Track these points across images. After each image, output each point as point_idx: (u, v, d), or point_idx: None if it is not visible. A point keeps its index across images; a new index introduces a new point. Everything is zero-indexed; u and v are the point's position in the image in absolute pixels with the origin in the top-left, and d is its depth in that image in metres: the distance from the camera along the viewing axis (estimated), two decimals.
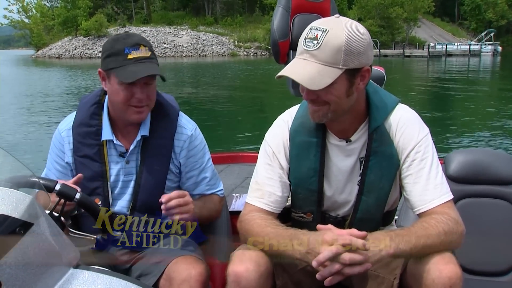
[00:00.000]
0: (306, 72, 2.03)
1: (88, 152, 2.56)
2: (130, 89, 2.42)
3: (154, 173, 2.58)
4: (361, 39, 2.04)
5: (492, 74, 44.87)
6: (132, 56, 2.40)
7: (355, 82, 2.08)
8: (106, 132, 2.56)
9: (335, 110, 2.12)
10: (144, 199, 2.56)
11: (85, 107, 2.62)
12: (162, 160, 2.61)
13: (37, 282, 1.49)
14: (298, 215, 2.40)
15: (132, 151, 2.58)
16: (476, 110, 20.33)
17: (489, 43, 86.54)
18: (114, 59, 2.41)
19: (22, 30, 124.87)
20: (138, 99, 2.45)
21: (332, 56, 2.00)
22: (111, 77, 2.44)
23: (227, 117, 18.82)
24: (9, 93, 27.75)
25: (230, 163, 5.01)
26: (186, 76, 39.21)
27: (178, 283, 2.27)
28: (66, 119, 2.66)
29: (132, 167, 2.59)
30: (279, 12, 4.37)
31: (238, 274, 2.02)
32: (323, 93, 2.06)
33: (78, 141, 2.57)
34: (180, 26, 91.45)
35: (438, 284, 1.91)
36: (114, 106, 2.52)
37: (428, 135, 2.24)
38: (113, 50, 2.42)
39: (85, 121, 2.59)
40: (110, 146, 2.58)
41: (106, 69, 2.44)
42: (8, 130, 15.57)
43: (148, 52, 2.46)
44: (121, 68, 2.39)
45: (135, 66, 2.39)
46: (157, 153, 2.59)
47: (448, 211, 2.11)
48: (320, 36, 2.02)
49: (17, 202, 1.48)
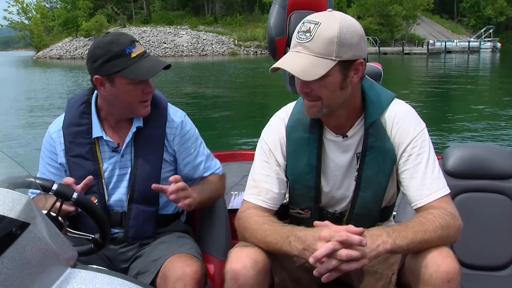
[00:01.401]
0: (300, 63, 2.04)
1: (80, 151, 2.56)
2: (140, 87, 2.46)
3: (149, 162, 2.60)
4: (354, 31, 2.03)
5: (491, 71, 44.93)
6: (135, 53, 2.43)
7: (349, 75, 2.08)
8: (96, 129, 2.57)
9: (329, 104, 2.12)
10: (141, 189, 2.57)
11: (73, 107, 2.63)
12: (156, 149, 2.63)
13: (34, 282, 1.49)
14: (296, 212, 2.41)
15: (127, 144, 2.59)
16: (474, 105, 20.31)
17: (488, 40, 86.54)
18: (118, 62, 2.40)
19: (22, 31, 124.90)
20: (148, 94, 2.51)
21: (325, 47, 2.01)
22: (116, 80, 2.43)
23: (226, 115, 18.83)
24: (10, 94, 27.79)
25: (228, 161, 5.02)
26: (187, 75, 39.20)
27: (173, 281, 2.29)
28: (55, 121, 2.67)
29: (127, 160, 2.60)
30: (275, 9, 4.38)
31: (236, 271, 2.02)
32: (317, 86, 2.07)
33: (69, 141, 2.58)
34: (180, 25, 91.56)
35: (436, 278, 1.91)
36: (121, 106, 2.53)
37: (425, 130, 2.24)
38: (112, 53, 2.40)
39: (75, 120, 2.59)
40: (102, 143, 2.59)
41: (110, 73, 2.42)
42: (6, 130, 15.58)
43: (143, 47, 2.50)
44: (130, 68, 2.40)
45: (143, 63, 2.43)
46: (150, 142, 2.62)
47: (445, 205, 2.11)
48: (313, 29, 2.03)
49: (13, 202, 1.47)
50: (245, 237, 2.20)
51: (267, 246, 2.09)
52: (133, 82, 2.43)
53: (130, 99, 2.48)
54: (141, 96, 2.49)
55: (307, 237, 1.96)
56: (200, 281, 2.32)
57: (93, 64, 2.45)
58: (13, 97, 26.11)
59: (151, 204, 2.61)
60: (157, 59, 2.51)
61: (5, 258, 1.38)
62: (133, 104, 2.50)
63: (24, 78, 42.64)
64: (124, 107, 2.53)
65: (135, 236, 2.60)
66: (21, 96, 26.38)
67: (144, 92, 2.48)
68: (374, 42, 78.08)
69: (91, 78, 2.48)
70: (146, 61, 2.44)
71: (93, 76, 2.46)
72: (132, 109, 2.52)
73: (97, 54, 2.43)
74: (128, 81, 2.42)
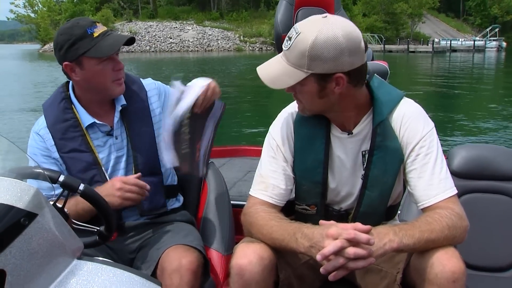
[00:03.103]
0: (274, 70, 2.10)
1: (73, 145, 2.56)
2: (109, 65, 2.47)
3: (143, 134, 2.64)
4: (331, 45, 1.96)
5: (497, 70, 44.65)
6: (97, 33, 2.44)
7: (328, 86, 2.06)
8: (85, 118, 2.58)
9: (310, 109, 2.19)
10: (144, 161, 2.62)
11: (52, 107, 2.62)
12: (146, 120, 2.67)
13: (41, 273, 1.51)
14: (302, 208, 2.41)
15: (116, 125, 2.61)
16: (479, 105, 20.26)
17: (493, 39, 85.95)
18: (81, 44, 2.41)
19: (28, 25, 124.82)
20: (119, 71, 2.52)
21: (298, 59, 2.02)
22: (84, 62, 2.45)
23: (231, 110, 18.80)
24: (17, 85, 27.80)
25: (232, 157, 5.02)
26: (192, 70, 39.15)
27: (169, 273, 2.30)
28: (37, 122, 2.65)
29: (121, 141, 2.63)
30: (283, 5, 4.38)
31: (242, 267, 2.02)
32: (298, 91, 2.12)
33: (59, 138, 2.57)
34: (186, 21, 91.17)
35: (441, 278, 1.91)
36: (96, 89, 2.54)
37: (433, 130, 2.23)
38: (75, 37, 2.41)
39: (60, 117, 2.58)
40: (93, 131, 2.60)
41: (76, 56, 2.43)
42: (16, 121, 15.60)
43: (104, 27, 2.51)
44: (94, 48, 2.42)
45: (105, 41, 2.44)
46: (139, 116, 2.66)
47: (453, 206, 2.10)
48: (293, 38, 2.04)
49: (22, 192, 1.49)
50: (251, 232, 2.20)
51: (273, 242, 2.09)
52: (101, 61, 2.44)
53: (102, 79, 2.49)
54: (112, 74, 2.50)
55: (314, 234, 1.95)
56: (196, 272, 2.33)
57: (59, 52, 2.47)
58: (22, 90, 26.06)
59: (156, 174, 2.67)
60: (119, 35, 2.52)
61: (13, 248, 1.40)
62: (106, 84, 2.51)
63: (32, 71, 42.45)
64: (98, 89, 2.54)
65: (150, 207, 2.66)
66: (30, 89, 26.38)
67: (115, 69, 2.50)
68: (379, 40, 77.72)
69: (62, 67, 2.50)
70: (108, 39, 2.44)
71: (63, 64, 2.48)
72: (107, 89, 2.54)
73: (61, 41, 2.45)
74: (96, 61, 2.44)
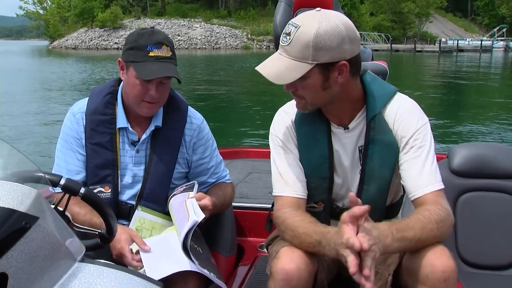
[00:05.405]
0: (276, 67, 2.09)
1: (101, 140, 2.59)
2: (146, 86, 2.46)
3: (163, 162, 2.63)
4: (333, 33, 2.01)
5: (503, 70, 44.57)
6: (154, 54, 2.44)
7: (331, 76, 2.08)
8: (121, 120, 2.61)
9: (313, 103, 2.18)
10: (151, 187, 2.61)
11: (98, 96, 2.65)
12: (172, 149, 2.66)
13: (43, 276, 1.51)
14: (310, 206, 2.39)
15: (143, 140, 2.62)
16: (483, 104, 20.27)
17: (501, 39, 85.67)
18: (135, 53, 2.45)
19: (36, 21, 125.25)
20: (151, 96, 2.49)
21: (301, 51, 2.03)
22: (129, 69, 2.48)
23: (235, 111, 18.80)
24: (25, 82, 27.88)
25: (233, 158, 5.04)
26: (200, 67, 39.23)
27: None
28: (78, 103, 2.68)
29: (141, 157, 2.63)
30: (281, 7, 4.41)
31: (289, 272, 2.01)
32: (299, 86, 2.11)
33: (91, 128, 2.60)
34: (194, 18, 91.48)
35: (432, 279, 1.92)
36: (129, 96, 2.55)
37: (427, 124, 2.25)
38: (136, 44, 2.46)
39: (99, 109, 2.62)
40: (123, 134, 2.63)
41: (127, 60, 2.49)
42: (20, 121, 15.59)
43: (169, 52, 2.50)
44: (140, 64, 2.43)
45: (154, 65, 2.43)
46: (167, 142, 2.65)
47: (441, 200, 2.12)
48: (293, 32, 2.05)
49: (23, 196, 1.49)
50: (286, 239, 2.19)
51: (307, 249, 2.07)
52: (138, 78, 2.45)
53: (134, 92, 2.49)
54: (145, 95, 2.49)
55: (336, 244, 1.88)
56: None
57: (124, 46, 2.53)
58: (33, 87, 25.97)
59: (159, 203, 2.64)
60: (168, 67, 2.48)
61: (14, 251, 1.40)
62: (135, 99, 2.51)
63: (43, 68, 42.45)
64: (130, 98, 2.55)
65: None
66: (41, 85, 26.37)
67: (149, 94, 2.48)
68: (386, 39, 77.60)
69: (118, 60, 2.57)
70: (157, 64, 2.44)
71: (119, 59, 2.55)
72: (134, 103, 2.54)
73: (128, 39, 2.52)
74: (135, 75, 2.45)
